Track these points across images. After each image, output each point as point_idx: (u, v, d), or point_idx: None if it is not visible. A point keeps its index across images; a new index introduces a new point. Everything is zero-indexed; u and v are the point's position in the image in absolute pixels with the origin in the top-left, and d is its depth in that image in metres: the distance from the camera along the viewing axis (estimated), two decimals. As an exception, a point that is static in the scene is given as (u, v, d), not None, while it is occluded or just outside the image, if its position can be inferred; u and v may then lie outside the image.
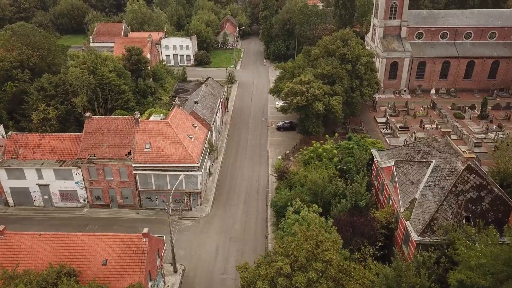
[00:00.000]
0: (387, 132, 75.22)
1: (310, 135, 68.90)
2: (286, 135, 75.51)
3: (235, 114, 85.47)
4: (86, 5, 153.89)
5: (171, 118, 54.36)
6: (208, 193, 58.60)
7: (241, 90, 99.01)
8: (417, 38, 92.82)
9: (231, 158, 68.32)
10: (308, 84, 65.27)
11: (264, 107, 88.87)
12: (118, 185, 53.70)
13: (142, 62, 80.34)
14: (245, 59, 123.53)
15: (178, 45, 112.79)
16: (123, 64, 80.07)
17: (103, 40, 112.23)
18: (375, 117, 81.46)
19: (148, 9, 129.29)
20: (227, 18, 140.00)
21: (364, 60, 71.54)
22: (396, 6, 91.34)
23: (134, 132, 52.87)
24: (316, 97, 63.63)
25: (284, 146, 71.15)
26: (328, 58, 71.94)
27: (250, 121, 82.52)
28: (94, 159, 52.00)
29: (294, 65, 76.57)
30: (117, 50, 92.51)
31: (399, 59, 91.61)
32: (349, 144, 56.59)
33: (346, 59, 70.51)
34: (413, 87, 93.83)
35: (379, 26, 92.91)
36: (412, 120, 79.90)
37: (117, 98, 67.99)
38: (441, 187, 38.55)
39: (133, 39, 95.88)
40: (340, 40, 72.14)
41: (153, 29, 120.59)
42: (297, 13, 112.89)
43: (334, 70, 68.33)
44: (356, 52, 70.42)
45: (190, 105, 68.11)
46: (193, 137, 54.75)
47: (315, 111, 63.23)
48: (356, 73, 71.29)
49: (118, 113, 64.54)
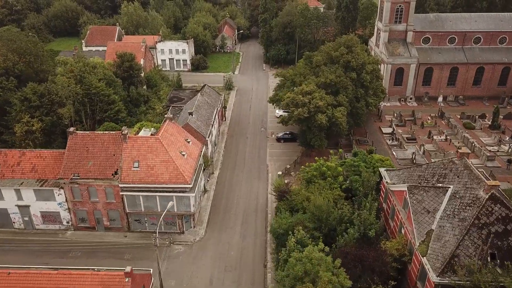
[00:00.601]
0: (394, 144, 70.95)
1: (312, 148, 64.67)
2: (287, 147, 71.24)
3: (232, 124, 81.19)
4: (80, 7, 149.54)
5: (162, 133, 50.08)
6: (202, 213, 54.34)
7: (239, 97, 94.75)
8: (423, 43, 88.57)
9: (228, 172, 64.05)
10: (310, 95, 61.02)
11: (263, 116, 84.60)
12: (104, 207, 49.42)
13: (134, 69, 76.07)
14: (243, 64, 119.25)
15: (174, 49, 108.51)
16: (114, 71, 75.89)
17: (96, 44, 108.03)
18: (380, 127, 77.17)
19: (143, 11, 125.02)
20: (226, 20, 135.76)
21: (370, 68, 67.28)
22: (402, 9, 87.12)
23: (122, 149, 48.57)
24: (319, 108, 59.38)
25: (285, 160, 66.88)
26: (331, 65, 67.68)
27: (248, 131, 78.24)
28: (77, 179, 47.71)
29: (295, 73, 72.27)
30: (110, 56, 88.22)
31: (405, 65, 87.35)
32: (355, 161, 52.30)
33: (350, 67, 66.27)
34: (419, 94, 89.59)
35: (383, 30, 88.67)
36: (420, 130, 75.64)
37: (106, 109, 63.68)
38: (461, 218, 34.28)
39: (126, 44, 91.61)
40: (344, 47, 67.87)
41: (148, 33, 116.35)
42: (298, 16, 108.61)
43: (338, 79, 64.07)
44: (361, 59, 66.17)
45: (184, 117, 63.84)
46: (186, 154, 50.45)
47: (318, 123, 58.99)
48: (361, 81, 67.04)
49: (107, 125, 60.22)
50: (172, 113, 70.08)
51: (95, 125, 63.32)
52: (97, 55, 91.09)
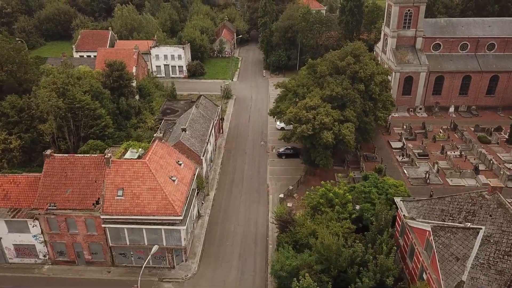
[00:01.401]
0: (405, 161, 65.57)
1: (316, 166, 59.33)
2: (289, 164, 65.87)
3: (230, 136, 75.80)
4: (73, 9, 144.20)
5: (149, 156, 44.67)
6: (195, 243, 48.95)
7: (238, 106, 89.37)
8: (434, 49, 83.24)
9: (224, 193, 58.66)
10: (314, 110, 55.68)
11: (263, 127, 79.22)
12: (85, 239, 44.04)
13: (124, 78, 70.63)
14: (242, 70, 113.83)
15: (169, 54, 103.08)
16: (103, 81, 70.51)
17: (87, 49, 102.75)
18: (389, 141, 71.78)
19: (138, 14, 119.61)
20: (224, 24, 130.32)
21: (379, 79, 61.93)
22: (411, 14, 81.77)
23: (104, 174, 43.19)
24: (325, 125, 54.04)
25: (287, 178, 61.51)
26: (337, 76, 62.29)
27: (247, 144, 72.86)
28: (53, 209, 42.33)
29: (297, 83, 66.90)
30: (100, 63, 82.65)
31: (414, 73, 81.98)
32: (365, 187, 46.93)
33: (358, 78, 60.91)
34: (429, 104, 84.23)
35: (391, 36, 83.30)
36: (432, 145, 70.27)
37: (91, 125, 58.31)
38: (499, 270, 28.94)
39: (118, 51, 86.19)
40: (350, 56, 62.50)
41: (143, 37, 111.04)
42: (299, 20, 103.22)
43: (344, 92, 58.70)
44: (369, 70, 60.79)
45: (176, 133, 58.47)
46: (176, 179, 45.04)
47: (324, 142, 53.66)
48: (369, 94, 61.70)
49: (92, 143, 54.83)
50: (165, 127, 64.86)
51: (79, 142, 57.91)
52: (87, 62, 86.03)
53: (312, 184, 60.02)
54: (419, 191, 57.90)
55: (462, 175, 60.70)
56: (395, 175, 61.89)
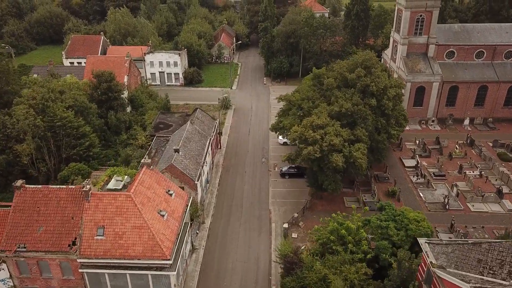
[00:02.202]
0: (420, 182, 59.86)
1: (324, 191, 53.60)
2: (293, 185, 60.15)
3: (229, 152, 70.05)
4: (66, 12, 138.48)
5: (135, 187, 38.91)
6: (189, 282, 43.20)
7: (237, 117, 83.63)
8: (447, 57, 77.55)
9: (222, 221, 52.89)
10: (322, 129, 49.96)
11: (264, 141, 73.48)
12: (61, 284, 38.34)
13: (114, 90, 64.99)
14: (242, 77, 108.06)
15: (164, 61, 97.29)
16: (90, 93, 64.86)
17: (78, 56, 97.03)
18: (401, 159, 66.09)
19: (132, 18, 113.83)
20: (223, 28, 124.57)
21: (392, 93, 56.23)
22: (423, 19, 76.07)
23: (83, 210, 37.48)
24: (334, 147, 48.34)
25: (291, 203, 55.80)
26: (346, 90, 56.59)
27: (247, 161, 67.13)
28: (23, 251, 36.62)
29: (302, 97, 61.18)
30: (89, 72, 76.79)
31: (427, 83, 76.29)
32: (381, 221, 41.21)
33: (369, 91, 55.22)
34: (442, 116, 78.54)
35: (402, 43, 77.56)
36: (448, 162, 64.59)
37: (74, 145, 52.56)
38: None
39: (108, 59, 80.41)
40: (361, 67, 56.82)
41: (137, 42, 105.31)
42: (302, 24, 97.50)
43: (355, 108, 52.99)
44: (382, 83, 55.11)
45: (169, 153, 52.71)
46: (166, 214, 39.33)
47: (333, 166, 47.97)
48: (381, 109, 56.02)
49: (74, 167, 49.08)
50: (156, 146, 59.14)
51: (61, 164, 52.15)
52: (76, 71, 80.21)
53: (319, 209, 54.71)
54: (438, 218, 52.33)
55: (484, 199, 55.00)
56: (410, 199, 56.42)
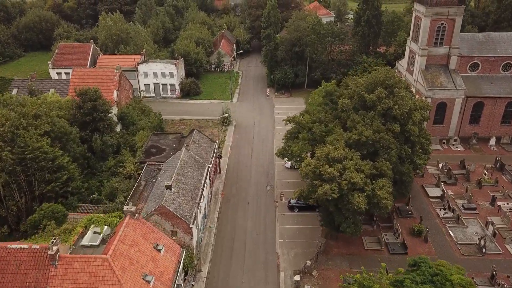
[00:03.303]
0: (448, 217, 52.40)
1: (340, 232, 46.07)
2: (303, 220, 52.66)
3: (229, 178, 62.55)
4: (56, 16, 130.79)
5: (115, 247, 31.45)
6: None
7: (238, 135, 76.11)
8: (470, 70, 70.14)
9: (221, 269, 45.29)
10: (340, 163, 42.44)
11: (269, 165, 65.98)
12: None
13: (99, 110, 57.45)
14: (243, 87, 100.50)
15: (159, 72, 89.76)
16: (73, 113, 57.40)
17: (65, 66, 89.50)
18: (424, 187, 58.67)
19: (126, 23, 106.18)
20: (223, 34, 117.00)
21: (418, 117, 48.77)
22: (445, 28, 68.68)
23: (48, 278, 29.97)
24: (355, 185, 40.86)
25: (302, 244, 48.33)
26: (365, 113, 49.09)
27: (250, 190, 59.62)
28: (-29, 333, 29.17)
29: (313, 118, 53.67)
30: (75, 86, 69.55)
31: (449, 99, 68.87)
32: (417, 283, 33.65)
33: (391, 115, 47.73)
34: (465, 134, 71.11)
35: (420, 54, 70.11)
36: (477, 192, 57.20)
37: (49, 179, 44.99)
38: None
39: (96, 72, 72.77)
40: (381, 87, 49.31)
41: (130, 50, 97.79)
42: (309, 32, 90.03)
43: (376, 136, 45.47)
44: (407, 106, 47.61)
45: (159, 190, 45.15)
46: (153, 279, 31.83)
47: (354, 208, 40.51)
48: (406, 135, 48.54)
49: (46, 209, 41.50)
50: (146, 175, 51.64)
51: (33, 203, 44.57)
52: (61, 86, 72.74)
53: (334, 252, 47.36)
54: (474, 264, 44.96)
55: (526, 241, 47.62)
56: (438, 239, 49.04)
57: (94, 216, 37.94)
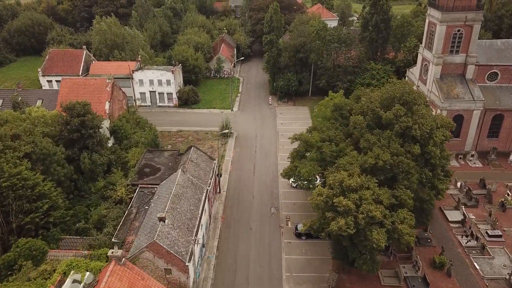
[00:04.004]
0: (471, 246, 47.56)
1: (354, 267, 41.20)
2: (312, 249, 47.82)
3: (230, 198, 57.67)
4: (49, 19, 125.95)
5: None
6: None
7: (239, 148, 71.21)
8: (489, 80, 65.38)
9: (222, 308, 40.63)
10: (356, 192, 37.57)
11: (272, 183, 61.12)
12: None
13: (88, 126, 52.58)
14: (244, 95, 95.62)
15: (156, 79, 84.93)
16: (60, 129, 52.56)
17: (56, 73, 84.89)
18: (442, 209, 53.78)
19: (122, 27, 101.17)
20: (223, 38, 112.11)
21: (440, 137, 43.89)
22: (461, 35, 63.86)
23: None
24: (373, 220, 36.01)
25: (311, 279, 43.49)
26: (380, 132, 44.23)
27: (253, 212, 54.73)
28: None
29: (322, 137, 48.76)
30: (64, 98, 64.74)
31: (466, 112, 64.05)
32: None
33: (410, 135, 42.87)
34: (483, 149, 66.32)
35: (435, 63, 65.26)
36: (501, 215, 52.38)
37: (29, 209, 40.13)
38: None
39: (86, 82, 67.71)
40: (398, 103, 44.43)
41: (125, 56, 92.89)
42: (313, 37, 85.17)
43: (395, 160, 40.62)
44: (427, 126, 42.73)
45: (151, 221, 40.26)
46: None
47: (374, 246, 35.66)
48: (426, 157, 43.65)
49: (23, 246, 36.60)
50: (139, 200, 46.82)
51: (10, 237, 39.67)
52: (49, 97, 67.92)
53: (347, 289, 42.31)
54: (505, 304, 40.16)
55: (560, 275, 42.77)
56: (463, 272, 44.25)
57: (74, 261, 32.89)
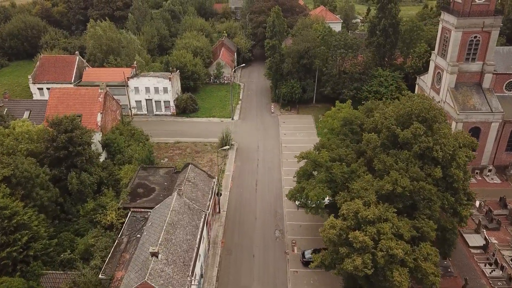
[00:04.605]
0: (496, 276, 43.30)
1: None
2: (321, 280, 43.54)
3: (231, 220, 53.35)
4: (43, 22, 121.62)
5: None
6: None
7: (240, 162, 66.93)
8: (507, 89, 61.19)
9: None
10: (373, 225, 33.33)
11: (276, 202, 56.88)
12: None
13: (77, 143, 48.31)
14: (245, 102, 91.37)
15: (152, 87, 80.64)
16: (46, 145, 48.33)
17: (48, 81, 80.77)
18: (461, 232, 49.47)
19: (116, 32, 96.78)
20: (222, 42, 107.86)
21: (463, 159, 39.65)
22: (478, 42, 59.66)
23: None
24: (394, 258, 31.77)
25: (320, 315, 39.31)
26: (397, 152, 40.03)
27: (255, 237, 50.39)
28: None
29: (332, 156, 44.52)
30: (52, 110, 60.59)
31: (483, 124, 59.79)
32: None
33: (429, 156, 38.68)
34: (501, 163, 62.09)
35: (450, 71, 61.00)
36: (526, 240, 48.19)
37: (6, 242, 35.86)
38: None
39: (77, 92, 63.33)
40: (417, 120, 40.20)
41: (121, 62, 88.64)
42: (318, 43, 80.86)
43: (415, 186, 36.40)
44: (450, 146, 38.50)
45: (143, 257, 35.95)
46: None
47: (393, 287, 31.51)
48: (448, 181, 39.42)
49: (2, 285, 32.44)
50: (130, 227, 42.63)
51: (-15, 274, 35.51)
52: (39, 107, 63.75)
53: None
54: None
55: None
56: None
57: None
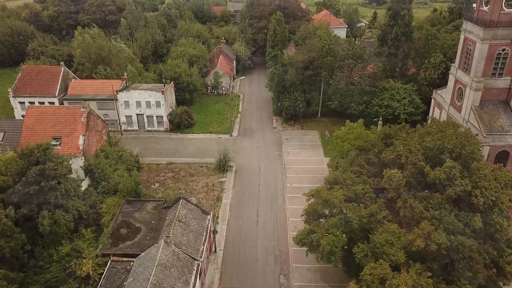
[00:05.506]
0: None
1: None
2: None
3: (228, 261, 46.61)
4: (31, 27, 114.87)
5: None
6: None
7: (239, 187, 60.25)
8: (538, 108, 54.67)
9: None
10: (405, 298, 26.72)
11: (281, 238, 50.12)
12: None
13: (49, 176, 41.67)
14: (245, 115, 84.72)
15: (143, 101, 74.02)
16: (13, 180, 41.70)
17: (30, 94, 74.13)
18: (494, 279, 42.87)
19: (106, 40, 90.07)
20: (220, 49, 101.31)
21: (506, 204, 33.04)
22: (506, 55, 53.11)
23: None
24: None
25: None
26: (426, 195, 33.43)
27: (257, 283, 43.50)
28: None
29: (347, 194, 37.92)
30: (29, 132, 54.05)
31: (512, 148, 53.39)
32: None
33: (466, 200, 32.11)
34: (531, 191, 55.45)
35: (474, 88, 54.42)
36: None
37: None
38: None
39: (57, 111, 56.45)
40: (451, 157, 33.59)
41: (111, 72, 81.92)
42: (324, 52, 74.19)
43: (452, 241, 29.80)
44: (492, 191, 31.91)
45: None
46: None
47: None
48: (488, 231, 32.83)
49: None
50: (109, 281, 35.88)
51: None
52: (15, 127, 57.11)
53: None
54: None
55: None
56: None
57: None
